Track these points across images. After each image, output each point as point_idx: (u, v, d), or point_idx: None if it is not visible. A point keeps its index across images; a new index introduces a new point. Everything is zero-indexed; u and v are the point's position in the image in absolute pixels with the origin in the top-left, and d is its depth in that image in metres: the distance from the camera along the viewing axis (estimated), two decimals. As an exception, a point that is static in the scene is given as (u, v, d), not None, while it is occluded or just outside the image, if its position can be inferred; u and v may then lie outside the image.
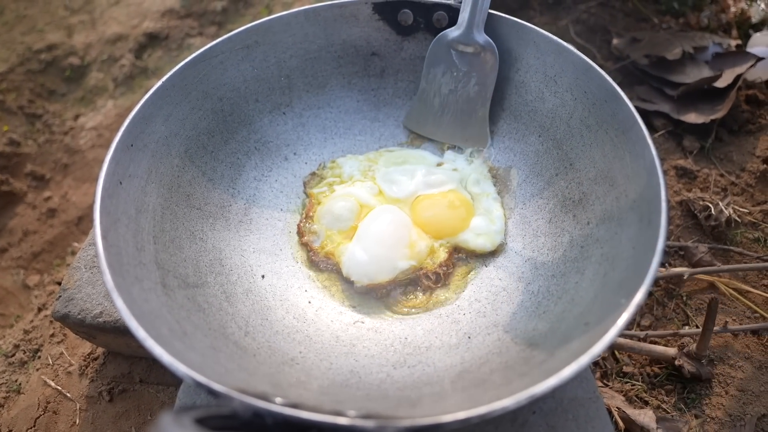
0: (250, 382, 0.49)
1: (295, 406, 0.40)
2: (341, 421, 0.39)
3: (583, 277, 0.58)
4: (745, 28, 1.16)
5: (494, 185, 0.73)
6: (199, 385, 0.42)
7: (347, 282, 0.66)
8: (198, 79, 0.70)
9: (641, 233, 0.53)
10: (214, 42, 0.71)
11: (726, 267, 0.81)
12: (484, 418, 0.41)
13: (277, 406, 0.40)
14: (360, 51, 0.78)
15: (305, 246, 0.70)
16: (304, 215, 0.72)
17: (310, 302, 0.65)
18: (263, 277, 0.66)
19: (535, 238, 0.67)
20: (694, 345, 0.74)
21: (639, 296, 0.46)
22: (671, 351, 0.75)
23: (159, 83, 0.66)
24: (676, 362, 0.74)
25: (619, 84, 0.62)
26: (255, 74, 0.75)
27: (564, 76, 0.68)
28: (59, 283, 0.97)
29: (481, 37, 0.71)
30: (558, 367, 0.43)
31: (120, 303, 0.46)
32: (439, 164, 0.76)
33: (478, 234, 0.68)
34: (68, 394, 0.77)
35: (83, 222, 1.16)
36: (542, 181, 0.70)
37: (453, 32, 0.73)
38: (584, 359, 0.43)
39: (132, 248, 0.56)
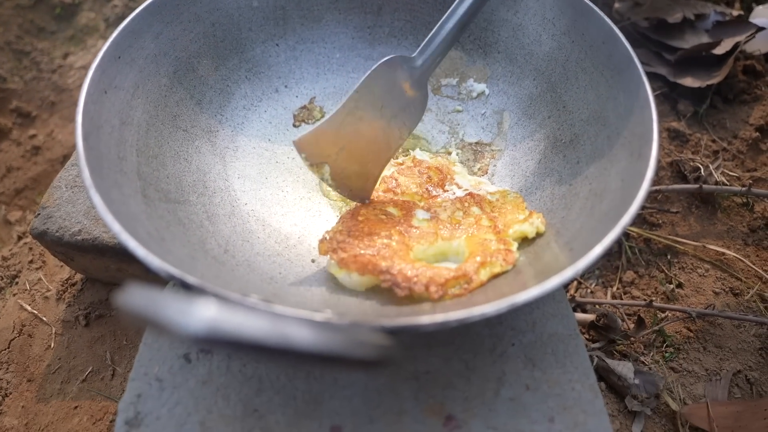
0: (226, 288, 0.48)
1: (270, 301, 0.40)
2: (317, 317, 0.38)
3: (570, 212, 0.57)
4: (749, 1, 1.15)
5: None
6: (172, 278, 0.41)
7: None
8: (190, 0, 0.68)
9: (631, 166, 0.53)
10: (208, -36, 0.69)
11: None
12: (463, 323, 0.40)
13: (252, 300, 0.39)
14: (358, -14, 0.76)
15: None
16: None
17: (293, 229, 0.64)
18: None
19: (524, 179, 0.66)
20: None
21: (626, 219, 0.46)
22: (590, 317, 0.76)
23: (150, -1, 0.64)
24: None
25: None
26: (249, 2, 0.73)
27: (562, 18, 0.67)
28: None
29: (423, 86, 0.63)
30: (540, 282, 0.43)
31: (97, 199, 0.45)
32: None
33: None
34: (44, 318, 0.76)
35: (68, 160, 1.14)
36: (534, 123, 0.69)
37: (410, 63, 0.62)
38: (568, 272, 0.42)
39: (114, 156, 0.54)
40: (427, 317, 0.39)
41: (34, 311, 0.77)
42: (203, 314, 0.27)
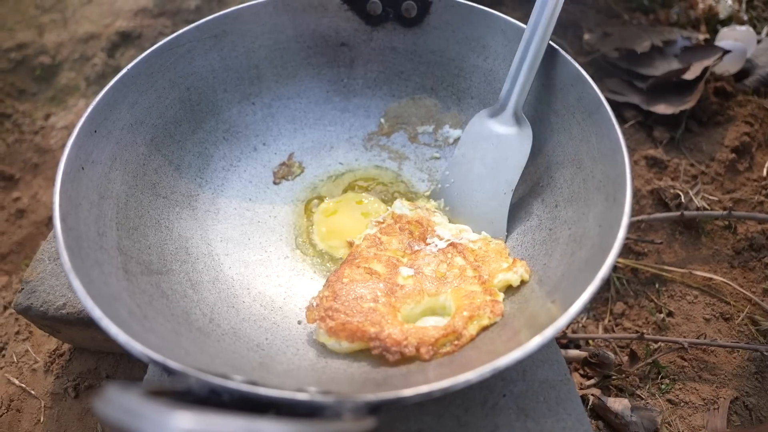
0: (211, 364, 0.48)
1: (253, 383, 0.39)
2: (300, 396, 0.38)
3: (551, 259, 0.58)
4: (713, 24, 1.18)
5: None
6: (154, 364, 0.41)
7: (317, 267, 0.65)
8: (165, 67, 0.69)
9: (607, 211, 0.53)
10: (181, 31, 0.70)
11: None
12: (447, 392, 0.40)
13: (235, 383, 0.39)
14: (329, 41, 0.77)
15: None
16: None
17: (278, 290, 0.64)
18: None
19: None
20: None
21: (604, 270, 0.46)
22: (584, 353, 0.76)
23: (124, 70, 0.64)
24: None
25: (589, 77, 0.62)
26: (223, 64, 0.74)
27: (532, 62, 0.68)
28: (27, 283, 0.95)
29: (520, 119, 0.66)
30: (522, 341, 0.43)
31: (76, 283, 0.45)
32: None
33: None
34: (33, 392, 0.75)
35: (52, 230, 1.14)
36: (512, 167, 0.70)
37: (490, 112, 0.68)
38: (549, 332, 0.42)
39: (93, 233, 0.54)
40: (411, 390, 0.39)
41: (22, 385, 0.76)
42: (179, 427, 0.26)
